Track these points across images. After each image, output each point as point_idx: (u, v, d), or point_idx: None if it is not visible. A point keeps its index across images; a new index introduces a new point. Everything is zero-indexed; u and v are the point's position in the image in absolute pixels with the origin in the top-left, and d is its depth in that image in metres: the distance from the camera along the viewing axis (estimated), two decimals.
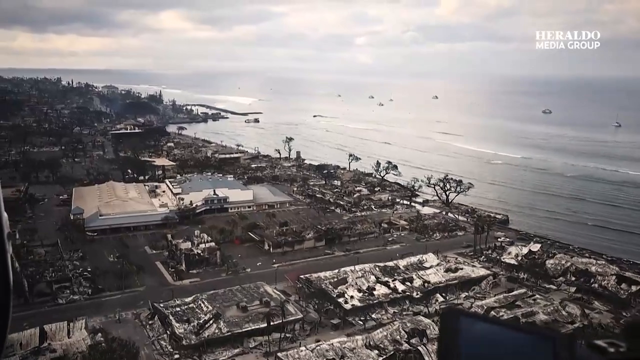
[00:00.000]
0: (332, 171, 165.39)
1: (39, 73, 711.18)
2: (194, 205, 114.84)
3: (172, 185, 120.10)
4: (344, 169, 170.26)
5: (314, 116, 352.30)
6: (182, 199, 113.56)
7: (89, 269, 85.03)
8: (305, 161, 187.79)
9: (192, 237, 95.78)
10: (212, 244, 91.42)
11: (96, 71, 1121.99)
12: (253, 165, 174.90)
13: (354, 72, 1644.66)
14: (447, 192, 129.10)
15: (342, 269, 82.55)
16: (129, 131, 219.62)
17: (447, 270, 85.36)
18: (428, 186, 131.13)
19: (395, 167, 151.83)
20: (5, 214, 1.82)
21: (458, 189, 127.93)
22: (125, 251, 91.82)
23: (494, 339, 1.91)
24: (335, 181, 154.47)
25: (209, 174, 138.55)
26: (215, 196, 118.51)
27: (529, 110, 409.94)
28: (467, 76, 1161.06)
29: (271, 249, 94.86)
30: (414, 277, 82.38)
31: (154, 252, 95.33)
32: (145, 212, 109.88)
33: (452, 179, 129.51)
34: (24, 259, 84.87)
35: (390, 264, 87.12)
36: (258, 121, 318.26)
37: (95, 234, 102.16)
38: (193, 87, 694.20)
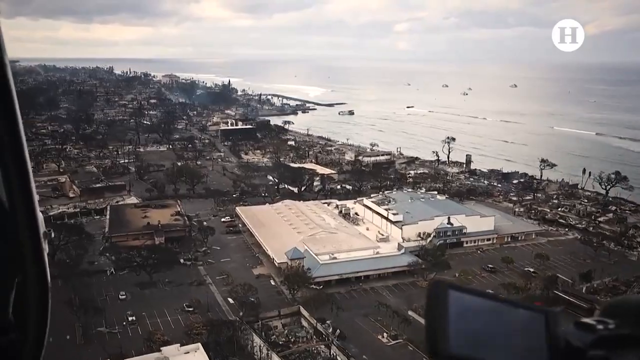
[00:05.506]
0: (521, 180, 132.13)
1: (84, 62, 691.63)
2: (428, 240, 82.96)
3: (387, 211, 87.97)
4: (533, 177, 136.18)
5: (407, 107, 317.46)
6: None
7: None
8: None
9: None
10: None
11: (139, 60, 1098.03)
12: (412, 172, 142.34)
13: (395, 59, 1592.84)
14: None
15: None
16: (237, 127, 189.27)
17: None
18: None
19: (625, 178, 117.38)
20: (40, 214, 1.74)
21: None
22: (402, 326, 60.79)
23: (483, 313, 1.82)
24: (539, 195, 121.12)
25: (410, 190, 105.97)
26: (449, 226, 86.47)
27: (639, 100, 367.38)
28: (532, 63, 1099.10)
29: None
30: None
31: None
32: (372, 251, 78.38)
33: None
34: (271, 345, 54.31)
35: None
36: (353, 113, 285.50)
37: (321, 286, 71.45)
38: (242, 75, 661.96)
